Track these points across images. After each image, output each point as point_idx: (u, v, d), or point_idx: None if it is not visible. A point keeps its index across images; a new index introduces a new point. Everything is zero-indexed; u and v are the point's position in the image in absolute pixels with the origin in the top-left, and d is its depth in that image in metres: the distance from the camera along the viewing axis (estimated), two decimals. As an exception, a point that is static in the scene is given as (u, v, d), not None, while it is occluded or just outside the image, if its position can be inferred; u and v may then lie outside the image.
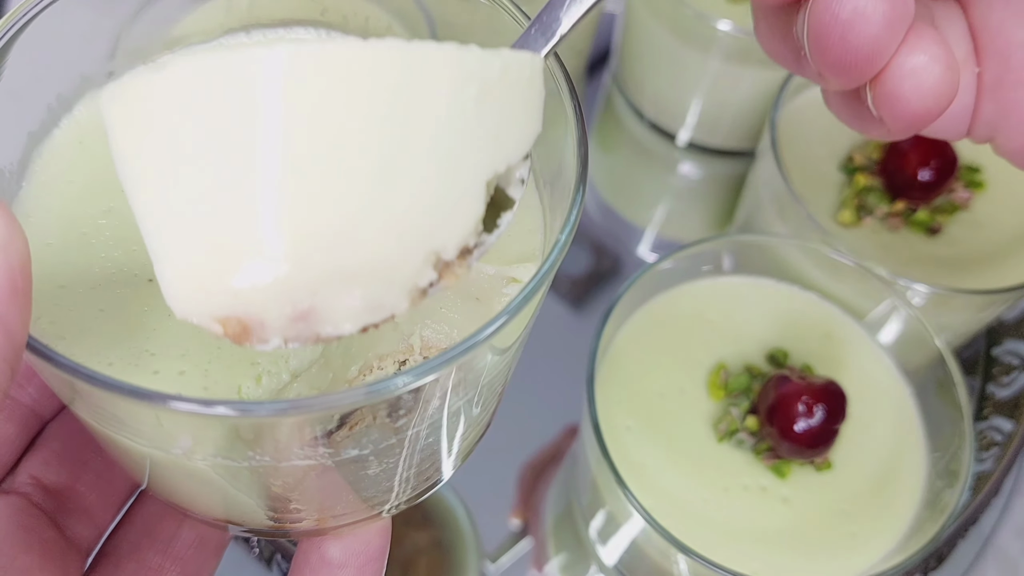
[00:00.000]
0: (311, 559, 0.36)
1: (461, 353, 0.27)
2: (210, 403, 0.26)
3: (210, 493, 0.36)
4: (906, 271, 0.63)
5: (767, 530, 0.58)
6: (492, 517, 0.72)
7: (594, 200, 0.89)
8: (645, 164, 0.92)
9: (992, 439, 0.73)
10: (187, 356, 0.32)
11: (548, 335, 0.81)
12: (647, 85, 0.87)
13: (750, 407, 0.61)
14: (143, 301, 0.34)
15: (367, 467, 0.34)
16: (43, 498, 0.37)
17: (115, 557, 0.38)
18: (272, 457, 0.31)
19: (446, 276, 0.27)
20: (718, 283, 0.68)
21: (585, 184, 0.32)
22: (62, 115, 0.38)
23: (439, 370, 0.27)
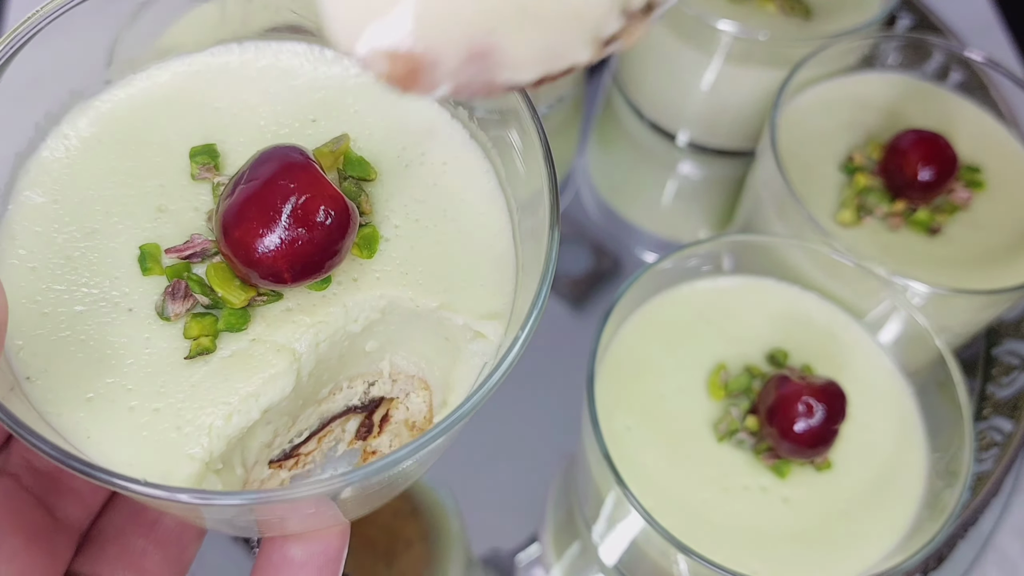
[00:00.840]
0: (273, 558, 0.37)
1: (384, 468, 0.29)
2: (172, 490, 0.27)
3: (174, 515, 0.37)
4: (906, 271, 0.63)
5: (767, 530, 0.58)
6: (490, 514, 0.72)
7: (594, 200, 0.89)
8: (645, 164, 0.92)
9: (992, 439, 0.73)
10: (163, 393, 0.33)
11: (548, 335, 0.81)
12: (647, 85, 0.87)
13: (750, 407, 0.61)
14: (123, 332, 0.34)
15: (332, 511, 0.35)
16: (33, 480, 0.37)
17: (100, 540, 0.39)
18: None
19: (627, 32, 0.26)
20: (718, 283, 0.68)
21: (549, 283, 0.33)
22: (50, 131, 0.38)
23: (377, 475, 0.29)
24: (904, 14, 0.94)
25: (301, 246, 0.32)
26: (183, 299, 0.34)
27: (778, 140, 0.67)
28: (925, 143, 0.68)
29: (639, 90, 0.89)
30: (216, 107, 0.39)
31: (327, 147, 0.37)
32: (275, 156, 0.33)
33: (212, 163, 0.37)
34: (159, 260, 0.35)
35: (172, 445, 0.32)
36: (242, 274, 0.34)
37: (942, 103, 0.77)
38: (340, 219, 0.33)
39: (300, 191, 0.32)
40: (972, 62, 0.76)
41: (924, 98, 0.77)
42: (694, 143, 0.88)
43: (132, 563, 0.39)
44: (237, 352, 0.34)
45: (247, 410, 0.34)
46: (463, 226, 0.38)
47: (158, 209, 0.37)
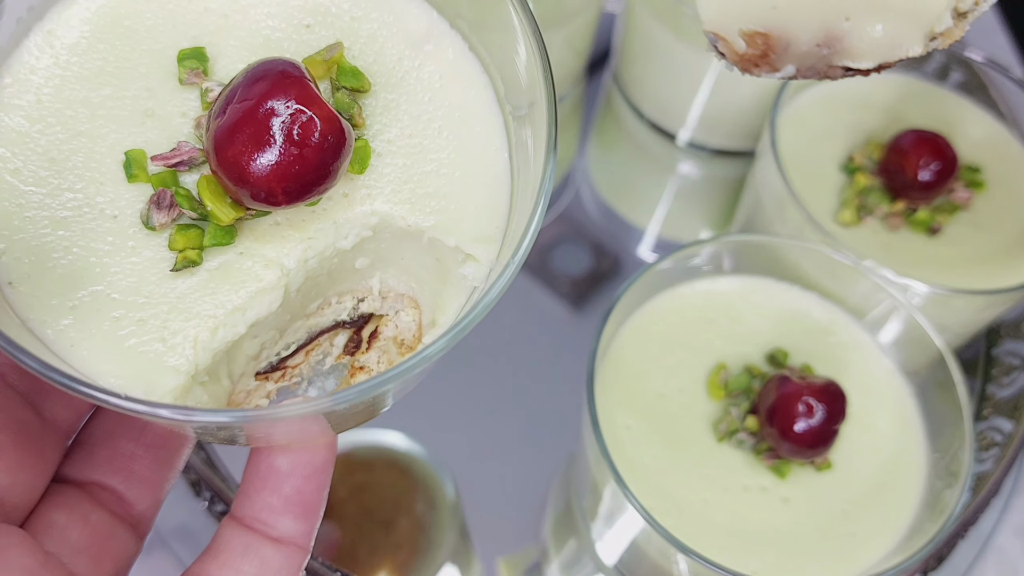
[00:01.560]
0: (260, 467, 0.37)
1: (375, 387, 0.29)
2: (154, 405, 0.27)
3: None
4: (906, 271, 0.63)
5: (767, 530, 0.58)
6: (490, 513, 0.72)
7: (594, 200, 0.89)
8: (645, 164, 0.92)
9: (992, 439, 0.73)
10: (148, 304, 0.33)
11: (548, 335, 0.81)
12: (647, 85, 0.87)
13: (750, 407, 0.61)
14: (107, 240, 0.33)
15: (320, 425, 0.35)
16: (20, 379, 0.37)
17: (89, 444, 0.39)
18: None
19: (949, 33, 0.28)
20: (718, 283, 0.68)
21: (543, 208, 0.32)
22: (32, 25, 0.36)
23: (361, 397, 0.29)
24: (904, 14, 0.94)
25: (295, 168, 0.32)
26: (168, 209, 0.33)
27: (778, 140, 0.67)
28: (925, 143, 0.68)
29: (639, 90, 0.89)
30: (207, 7, 0.38)
31: (319, 56, 0.36)
32: (268, 73, 0.32)
33: (200, 67, 0.36)
34: (145, 167, 0.34)
35: (157, 356, 0.32)
36: (233, 193, 0.33)
37: (942, 103, 0.77)
38: (335, 140, 0.32)
39: (294, 111, 0.31)
40: (972, 62, 0.76)
41: (924, 98, 0.77)
42: (694, 143, 0.88)
43: (122, 467, 0.38)
44: (224, 264, 0.34)
45: (233, 323, 0.33)
46: (458, 143, 0.37)
47: (145, 113, 0.36)
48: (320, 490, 0.37)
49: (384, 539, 0.70)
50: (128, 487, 0.38)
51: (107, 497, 0.38)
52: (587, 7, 0.81)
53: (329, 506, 0.69)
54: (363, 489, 0.72)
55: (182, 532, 0.67)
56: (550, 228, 0.86)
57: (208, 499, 0.67)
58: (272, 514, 0.36)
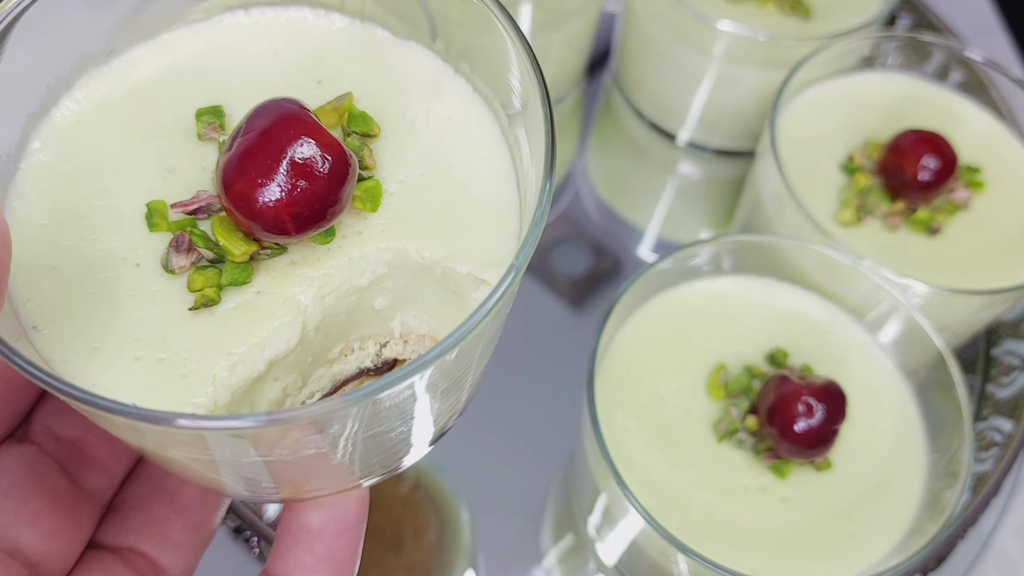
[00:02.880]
0: (292, 527, 0.37)
1: (417, 368, 0.29)
2: (166, 415, 0.27)
3: (190, 474, 0.36)
4: (906, 271, 0.63)
5: (767, 530, 0.58)
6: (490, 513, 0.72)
7: (594, 200, 0.89)
8: (645, 164, 0.92)
9: (992, 439, 0.73)
10: (168, 344, 0.33)
11: (548, 335, 0.81)
12: (647, 85, 0.87)
13: (750, 407, 0.61)
14: (130, 286, 0.35)
15: (343, 453, 0.35)
16: (55, 448, 0.37)
17: (124, 509, 0.39)
18: (238, 455, 0.32)
19: None
20: (718, 283, 0.68)
21: (546, 210, 0.33)
22: (61, 94, 0.38)
23: (405, 380, 0.29)
24: (904, 14, 0.94)
25: (301, 194, 0.33)
26: (187, 252, 0.35)
27: (778, 140, 0.67)
28: (925, 143, 0.68)
29: (639, 90, 0.89)
30: (223, 70, 0.40)
31: (330, 105, 0.38)
32: (269, 108, 0.34)
33: (218, 122, 0.38)
34: (166, 216, 0.36)
35: (176, 393, 0.33)
36: (246, 228, 0.34)
37: (942, 103, 0.77)
38: (338, 164, 0.33)
39: (296, 139, 0.33)
40: (972, 62, 0.76)
41: (924, 98, 0.77)
42: (694, 143, 0.88)
43: (156, 532, 0.39)
44: (242, 304, 0.35)
45: (252, 360, 0.34)
46: (468, 177, 0.38)
47: (167, 169, 0.37)
48: (353, 546, 0.37)
49: (395, 560, 0.69)
50: (162, 552, 0.39)
51: (141, 563, 0.38)
52: (587, 7, 0.81)
53: None
54: (373, 506, 0.70)
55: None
56: (550, 228, 0.86)
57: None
58: (306, 572, 0.36)
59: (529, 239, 0.32)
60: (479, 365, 0.38)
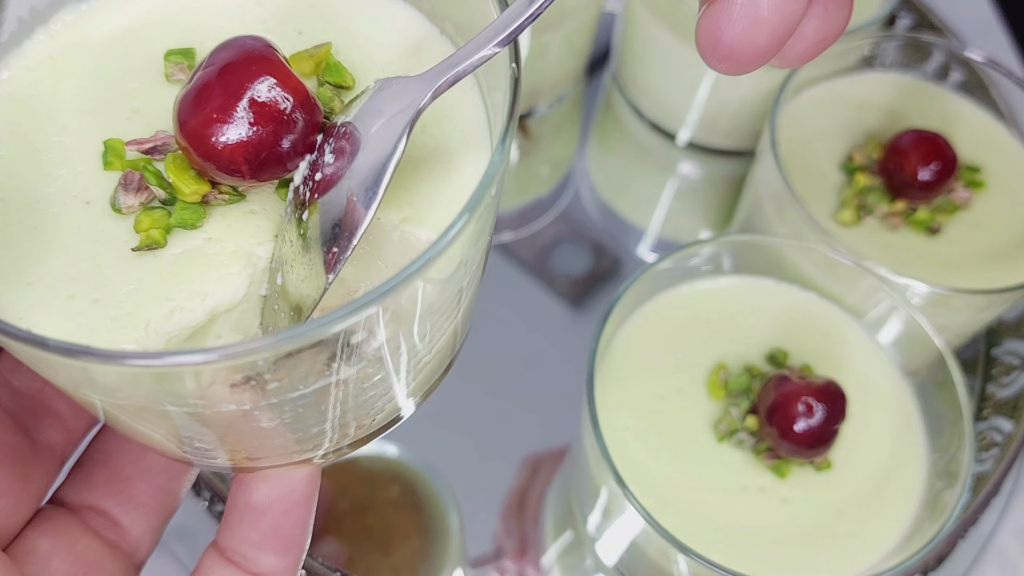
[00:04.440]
0: (239, 501, 0.36)
1: (387, 292, 0.26)
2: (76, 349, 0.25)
3: (131, 427, 0.35)
4: (906, 271, 0.63)
5: (767, 530, 0.58)
6: (488, 515, 0.72)
7: (594, 200, 0.89)
8: (645, 164, 0.92)
9: (992, 439, 0.73)
10: (105, 285, 0.32)
11: (548, 335, 0.81)
12: (647, 85, 0.87)
13: (750, 407, 0.61)
14: (76, 224, 0.33)
15: (292, 411, 0.33)
16: (11, 400, 0.36)
17: (88, 465, 0.38)
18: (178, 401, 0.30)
19: None
20: (718, 283, 0.68)
21: (506, 153, 0.30)
22: (36, 27, 0.37)
23: (365, 309, 0.26)
24: (904, 14, 0.94)
25: (258, 136, 0.31)
26: (136, 191, 0.33)
27: (778, 140, 0.67)
28: (925, 143, 0.68)
29: (639, 90, 0.89)
30: (203, 17, 0.39)
31: (307, 52, 0.36)
32: (233, 44, 0.32)
33: (187, 63, 0.37)
34: (122, 155, 0.34)
35: (104, 335, 0.31)
36: (200, 168, 0.32)
37: (942, 103, 0.77)
38: (300, 108, 0.32)
39: (257, 77, 0.31)
40: (972, 62, 0.76)
41: (924, 98, 0.77)
42: (694, 143, 0.88)
43: (120, 490, 0.38)
44: (189, 250, 0.33)
45: (192, 308, 0.32)
46: (440, 141, 0.36)
47: (132, 110, 0.36)
48: (300, 525, 0.36)
49: (382, 561, 0.68)
50: (124, 511, 0.37)
51: (101, 522, 0.37)
52: (587, 7, 0.81)
53: (330, 520, 0.68)
54: (365, 507, 0.70)
55: (182, 532, 0.67)
56: (550, 228, 0.86)
57: (208, 499, 0.67)
58: (251, 548, 0.35)
59: (484, 178, 0.29)
60: (439, 330, 0.35)
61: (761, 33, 0.30)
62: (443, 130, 0.37)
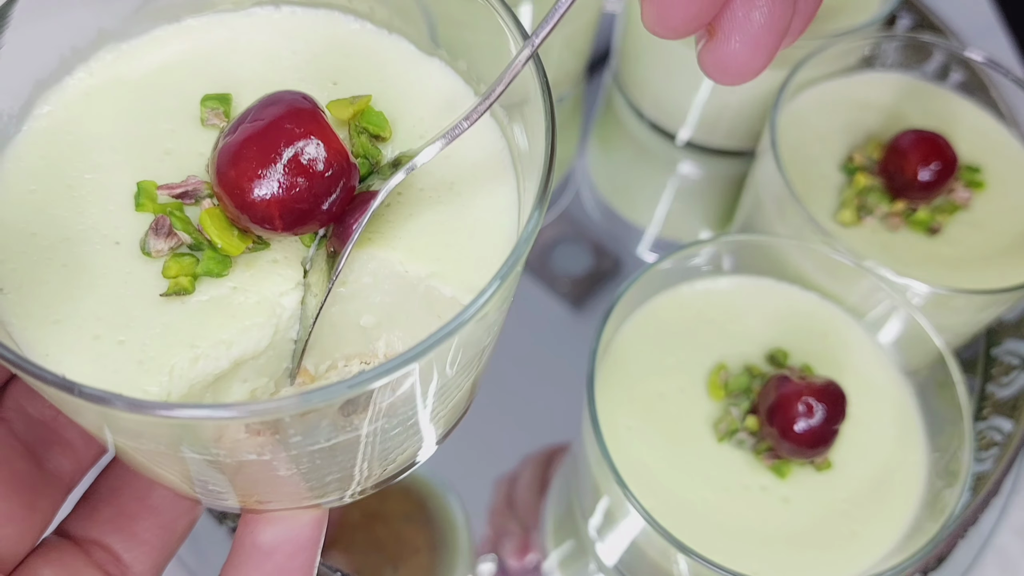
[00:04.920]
0: (245, 543, 0.36)
1: (415, 356, 0.27)
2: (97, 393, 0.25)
3: (142, 468, 0.35)
4: (906, 271, 0.63)
5: (767, 530, 0.58)
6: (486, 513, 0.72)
7: (594, 200, 0.89)
8: (645, 164, 0.92)
9: (992, 439, 0.73)
10: (131, 327, 0.32)
11: (548, 335, 0.81)
12: (647, 85, 0.87)
13: (750, 407, 0.61)
14: (105, 263, 0.34)
15: (310, 461, 0.33)
16: (24, 427, 0.37)
17: (94, 499, 0.38)
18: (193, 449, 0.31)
19: None
20: (718, 283, 0.68)
21: (522, 255, 0.31)
22: (76, 65, 0.38)
23: (391, 373, 0.27)
24: (904, 14, 0.94)
25: (298, 195, 0.31)
26: (166, 236, 0.34)
27: (778, 140, 0.67)
28: (925, 143, 0.68)
29: (639, 90, 0.89)
30: (239, 62, 0.39)
31: (347, 99, 0.37)
32: (282, 99, 0.33)
33: (222, 109, 0.37)
34: (154, 197, 0.35)
35: (129, 377, 0.32)
36: (233, 216, 0.33)
37: (942, 103, 0.77)
38: (341, 171, 0.32)
39: (303, 137, 0.32)
40: (972, 62, 0.76)
41: (924, 98, 0.77)
42: (694, 143, 0.88)
43: (123, 527, 0.38)
44: (216, 298, 0.34)
45: (216, 356, 0.33)
46: (468, 199, 0.37)
47: (164, 152, 0.37)
48: (305, 569, 0.36)
49: (391, 574, 0.68)
50: (127, 548, 0.38)
51: (104, 557, 0.37)
52: (587, 8, 0.81)
53: (341, 531, 0.68)
54: (375, 518, 0.70)
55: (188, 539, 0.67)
56: (550, 228, 0.86)
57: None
58: None
59: (515, 252, 0.30)
60: (459, 386, 0.36)
61: (761, 55, 0.32)
62: (473, 188, 0.37)
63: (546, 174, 0.32)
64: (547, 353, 0.80)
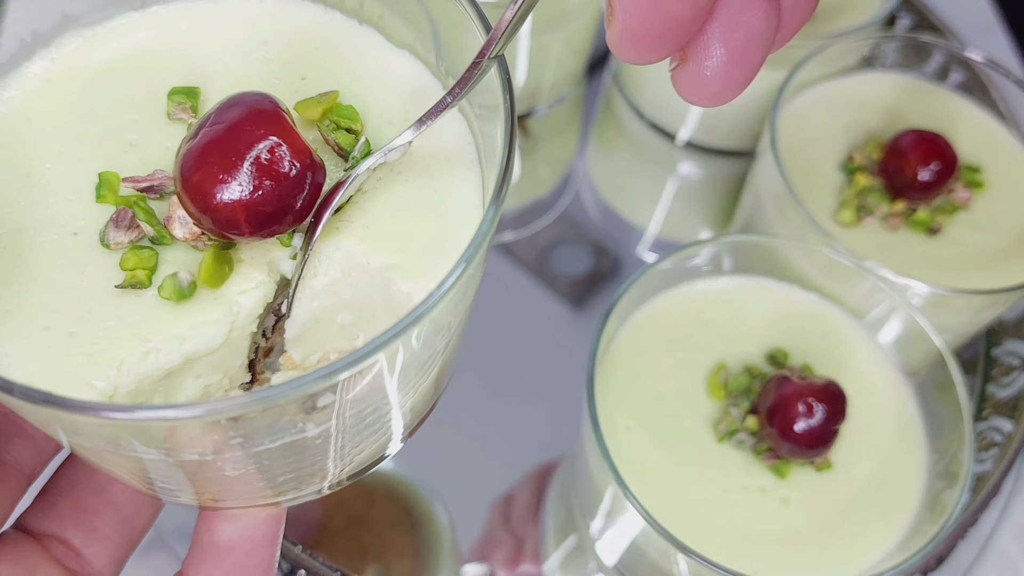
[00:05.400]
0: (203, 540, 0.36)
1: (362, 357, 0.27)
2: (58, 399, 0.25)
3: (97, 464, 0.35)
4: (906, 271, 0.63)
5: (767, 530, 0.58)
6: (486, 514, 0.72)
7: (594, 200, 0.89)
8: (645, 164, 0.92)
9: (992, 439, 0.73)
10: (83, 319, 0.32)
11: (548, 335, 0.81)
12: (647, 85, 0.87)
13: (750, 407, 0.61)
14: (62, 254, 0.33)
15: (258, 462, 0.33)
16: None
17: (54, 494, 0.38)
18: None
19: None
20: (718, 283, 0.68)
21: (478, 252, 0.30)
22: (37, 50, 0.37)
23: (339, 374, 0.26)
24: (904, 14, 0.94)
25: (263, 197, 0.31)
26: (127, 229, 0.33)
27: (778, 140, 0.67)
28: (925, 143, 0.68)
29: (639, 90, 0.89)
30: (207, 52, 0.38)
31: (315, 98, 0.36)
32: (243, 101, 0.32)
33: (189, 104, 0.36)
34: (115, 189, 0.34)
35: (77, 371, 0.31)
36: (196, 220, 0.32)
37: (942, 103, 0.77)
38: (306, 170, 0.32)
39: (264, 138, 0.31)
40: (972, 62, 0.76)
41: (924, 98, 0.77)
42: (694, 143, 0.88)
43: (83, 520, 0.37)
44: None
45: (168, 351, 0.32)
46: (436, 190, 0.36)
47: (128, 143, 0.36)
48: (264, 566, 0.36)
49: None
50: (87, 543, 0.37)
51: (63, 552, 0.37)
52: (587, 7, 0.81)
53: (324, 535, 0.68)
54: (360, 523, 0.69)
55: (181, 532, 0.67)
56: (550, 228, 0.86)
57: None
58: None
59: (466, 252, 0.29)
60: (421, 379, 0.35)
61: (735, 85, 0.30)
62: (439, 178, 0.37)
63: (502, 174, 0.31)
64: (547, 353, 0.80)
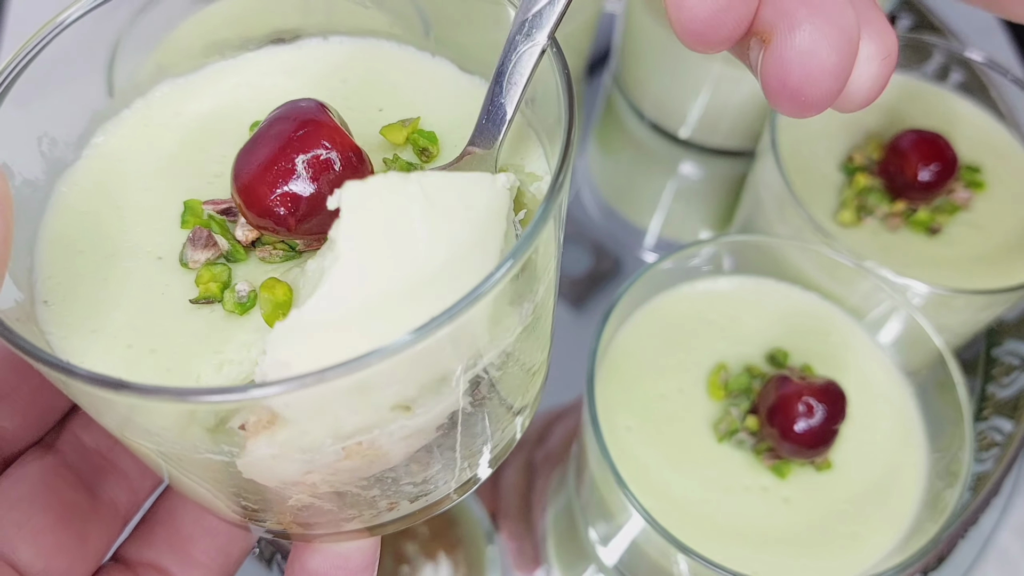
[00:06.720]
0: (295, 568, 0.36)
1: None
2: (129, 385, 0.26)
3: (187, 485, 0.35)
4: (906, 271, 0.63)
5: (767, 530, 0.58)
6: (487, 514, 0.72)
7: (594, 200, 0.89)
8: (645, 164, 0.92)
9: (992, 439, 0.73)
10: (164, 336, 0.33)
11: (548, 335, 0.81)
12: (647, 85, 0.87)
13: (750, 407, 0.61)
14: (146, 277, 0.35)
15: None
16: (79, 458, 0.37)
17: (151, 522, 0.39)
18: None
19: None
20: (718, 283, 0.68)
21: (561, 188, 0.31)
22: (134, 98, 0.40)
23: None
24: (904, 14, 0.94)
25: (307, 189, 0.32)
26: (203, 247, 0.35)
27: (778, 140, 0.67)
28: (925, 143, 0.68)
29: (639, 90, 0.89)
30: (289, 91, 0.40)
31: (399, 123, 0.38)
32: (287, 105, 0.34)
33: None
34: (199, 214, 0.36)
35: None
36: (254, 223, 0.34)
37: (942, 103, 0.77)
38: (348, 164, 0.33)
39: (307, 135, 0.33)
40: (972, 62, 0.76)
41: (924, 98, 0.77)
42: (694, 143, 0.88)
43: (179, 548, 0.38)
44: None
45: (239, 360, 0.33)
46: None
47: (214, 175, 0.38)
48: None
49: None
50: (182, 570, 0.38)
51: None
52: (587, 7, 0.81)
53: None
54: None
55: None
56: (550, 228, 0.86)
57: None
58: None
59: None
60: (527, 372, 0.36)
61: (844, 50, 0.27)
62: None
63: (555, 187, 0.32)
64: (547, 353, 0.80)
